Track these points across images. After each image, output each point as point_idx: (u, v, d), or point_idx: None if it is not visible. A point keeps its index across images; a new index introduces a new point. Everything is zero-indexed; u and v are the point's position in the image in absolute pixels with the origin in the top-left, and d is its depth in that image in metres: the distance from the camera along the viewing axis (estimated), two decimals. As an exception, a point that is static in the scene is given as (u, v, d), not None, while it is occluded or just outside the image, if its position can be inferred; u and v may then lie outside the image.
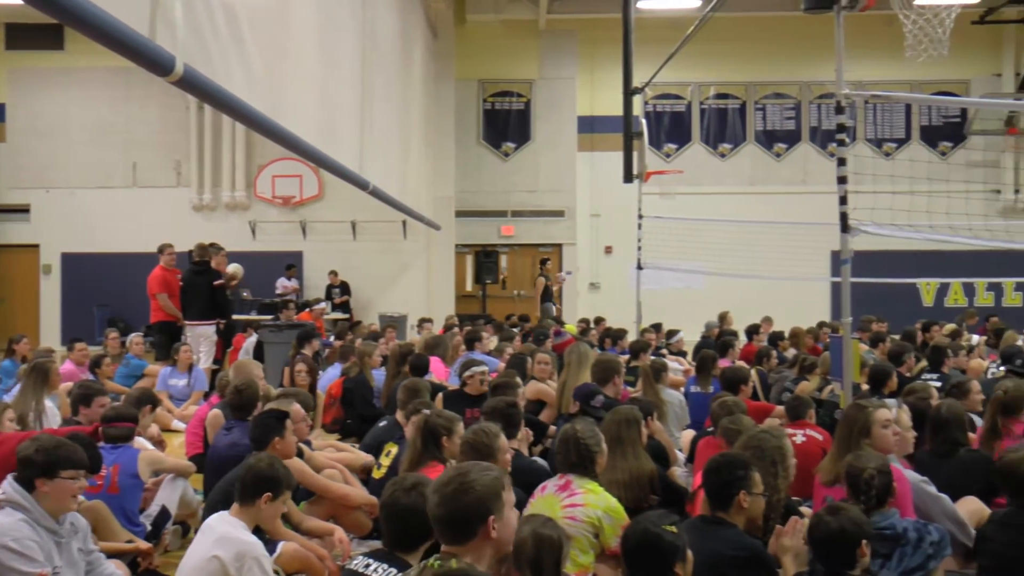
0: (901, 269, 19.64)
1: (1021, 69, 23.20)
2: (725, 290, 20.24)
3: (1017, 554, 4.91)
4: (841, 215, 7.53)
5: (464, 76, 23.10)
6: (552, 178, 23.56)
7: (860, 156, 20.10)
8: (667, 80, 21.41)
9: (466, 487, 3.64)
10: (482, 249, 23.33)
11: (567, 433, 5.62)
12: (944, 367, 10.35)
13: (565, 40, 23.55)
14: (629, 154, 16.74)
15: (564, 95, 23.56)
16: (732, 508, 4.82)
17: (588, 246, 23.84)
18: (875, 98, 8.64)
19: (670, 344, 14.78)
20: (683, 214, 19.79)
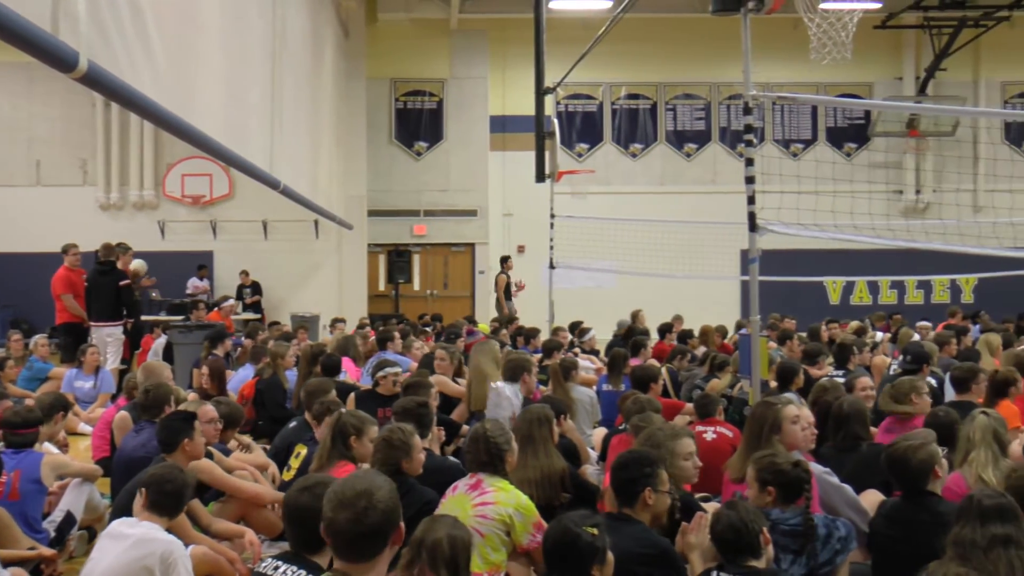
0: (808, 267, 19.99)
1: (921, 73, 23.73)
2: (637, 289, 20.40)
3: (905, 548, 5.00)
4: (749, 214, 7.65)
5: (375, 75, 22.99)
6: (464, 177, 23.56)
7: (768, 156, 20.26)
8: (579, 80, 21.53)
9: (375, 503, 3.44)
10: (394, 248, 23.25)
11: (477, 432, 5.63)
12: (850, 364, 10.56)
13: (476, 39, 23.56)
14: (541, 154, 16.81)
15: (476, 95, 23.57)
16: (638, 505, 4.87)
17: (500, 245, 23.85)
18: (782, 99, 8.80)
19: (582, 343, 14.86)
20: (595, 214, 19.94)
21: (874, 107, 24.27)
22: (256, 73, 10.94)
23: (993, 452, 5.87)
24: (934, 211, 22.73)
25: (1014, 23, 22.89)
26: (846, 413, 6.72)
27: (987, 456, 5.84)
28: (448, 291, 23.92)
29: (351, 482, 3.53)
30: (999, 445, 5.94)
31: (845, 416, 6.70)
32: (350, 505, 3.43)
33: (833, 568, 4.90)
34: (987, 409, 6.45)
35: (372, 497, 3.43)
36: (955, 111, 24.19)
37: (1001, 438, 5.98)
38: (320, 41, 16.79)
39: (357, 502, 3.43)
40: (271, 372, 10.98)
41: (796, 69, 18.00)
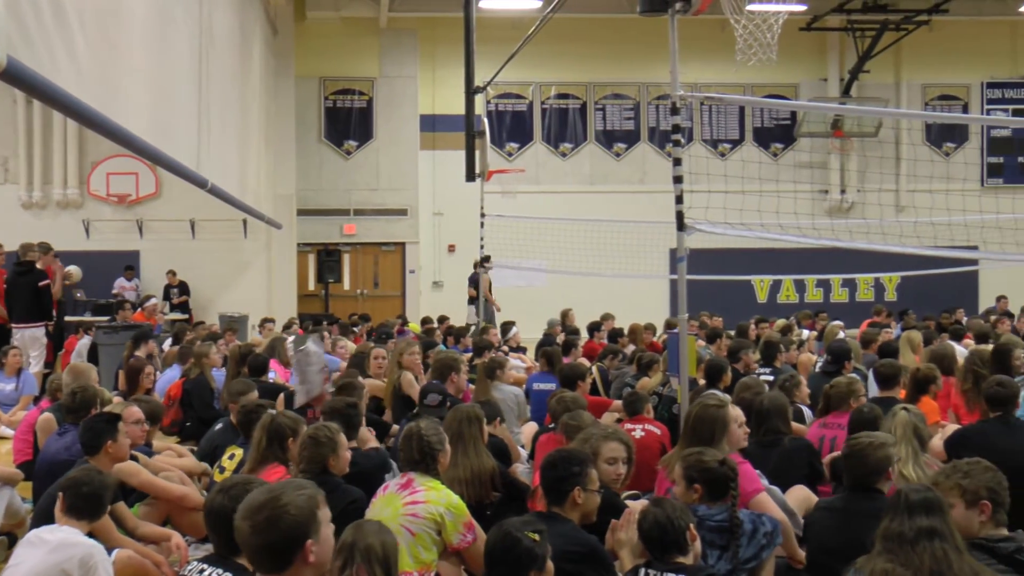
0: (736, 266, 20.21)
1: (845, 74, 24.11)
2: (567, 288, 20.50)
3: (840, 537, 5.10)
4: (677, 214, 7.71)
5: (304, 73, 22.83)
6: (394, 176, 23.47)
7: (696, 156, 20.62)
8: (509, 80, 21.55)
9: (281, 511, 3.36)
10: (324, 248, 23.11)
11: (411, 431, 5.63)
12: (776, 361, 10.70)
13: (406, 38, 23.49)
14: (471, 153, 16.82)
15: (406, 93, 23.50)
16: (567, 504, 4.89)
17: (431, 244, 23.83)
18: (709, 100, 8.89)
19: (508, 339, 14.89)
20: (525, 213, 19.94)
21: (799, 108, 24.59)
22: (183, 71, 10.81)
23: (913, 448, 6.02)
24: (858, 211, 23.10)
25: (933, 27, 23.34)
26: (767, 409, 6.85)
27: (908, 452, 5.98)
28: (379, 291, 23.83)
29: (260, 492, 3.48)
30: (919, 441, 6.09)
31: (766, 412, 6.83)
32: (251, 516, 3.38)
33: (759, 563, 4.98)
34: (908, 405, 6.59)
35: (276, 509, 3.36)
36: (878, 112, 24.64)
37: (921, 434, 6.12)
38: (248, 39, 16.63)
39: (258, 514, 3.37)
40: (198, 372, 10.87)
41: (724, 70, 18.16)
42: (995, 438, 7.08)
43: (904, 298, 22.82)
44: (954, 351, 10.27)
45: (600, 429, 6.01)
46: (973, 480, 4.53)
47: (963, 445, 7.13)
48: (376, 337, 14.26)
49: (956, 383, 9.09)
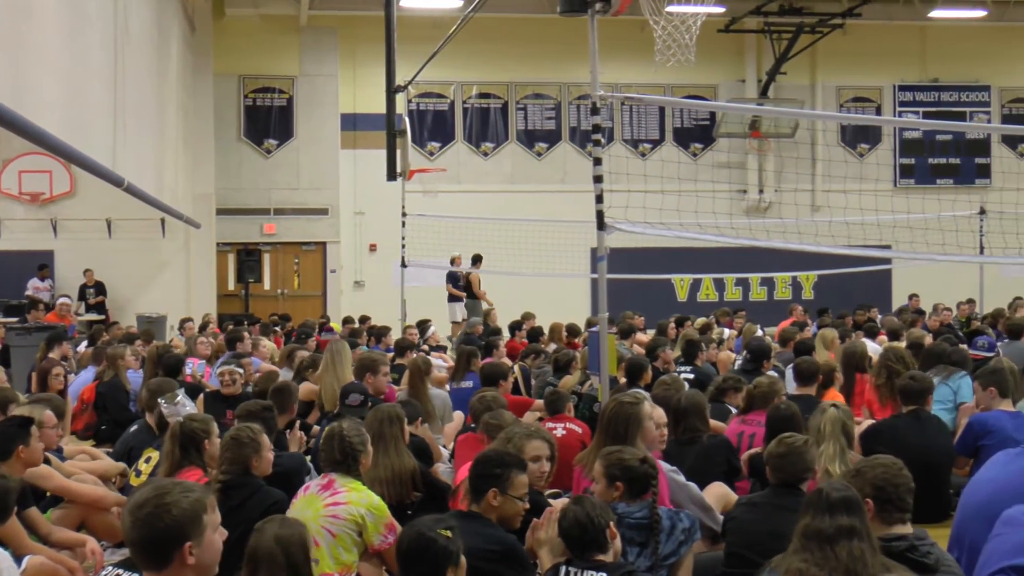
0: (656, 265, 20.35)
1: (763, 76, 24.42)
2: (488, 287, 20.52)
3: (759, 528, 5.18)
4: (597, 213, 7.77)
5: (223, 71, 22.56)
6: (315, 176, 23.31)
7: (617, 156, 20.75)
8: (430, 79, 21.51)
9: (162, 510, 3.32)
10: (244, 247, 22.87)
11: (333, 431, 5.59)
12: (697, 360, 10.82)
13: (326, 37, 23.32)
14: (392, 152, 16.79)
15: (326, 92, 23.34)
16: (484, 503, 4.90)
17: (352, 244, 23.70)
18: (629, 100, 8.97)
19: (427, 339, 14.87)
20: (446, 212, 19.96)
21: (718, 108, 24.88)
22: (97, 67, 10.64)
23: (841, 445, 6.13)
24: (775, 210, 23.41)
25: (847, 31, 23.75)
26: (684, 407, 6.93)
27: (835, 449, 6.09)
28: (299, 290, 23.65)
29: (149, 488, 3.45)
30: (847, 438, 6.19)
31: (684, 410, 6.90)
32: (135, 510, 3.36)
33: (678, 559, 5.03)
34: (836, 402, 6.71)
35: (159, 507, 3.33)
36: (794, 113, 24.98)
37: (849, 431, 6.24)
38: (166, 35, 16.42)
39: (141, 509, 3.35)
40: (112, 375, 10.68)
41: (644, 70, 18.29)
42: (906, 432, 7.25)
43: (821, 296, 23.18)
44: (866, 348, 10.48)
45: (522, 428, 6.02)
46: (858, 479, 4.54)
47: (876, 439, 7.28)
48: (297, 337, 14.14)
49: (870, 379, 9.28)
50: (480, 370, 9.67)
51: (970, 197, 19.78)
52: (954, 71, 25.52)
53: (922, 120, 25.60)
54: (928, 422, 7.41)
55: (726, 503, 6.14)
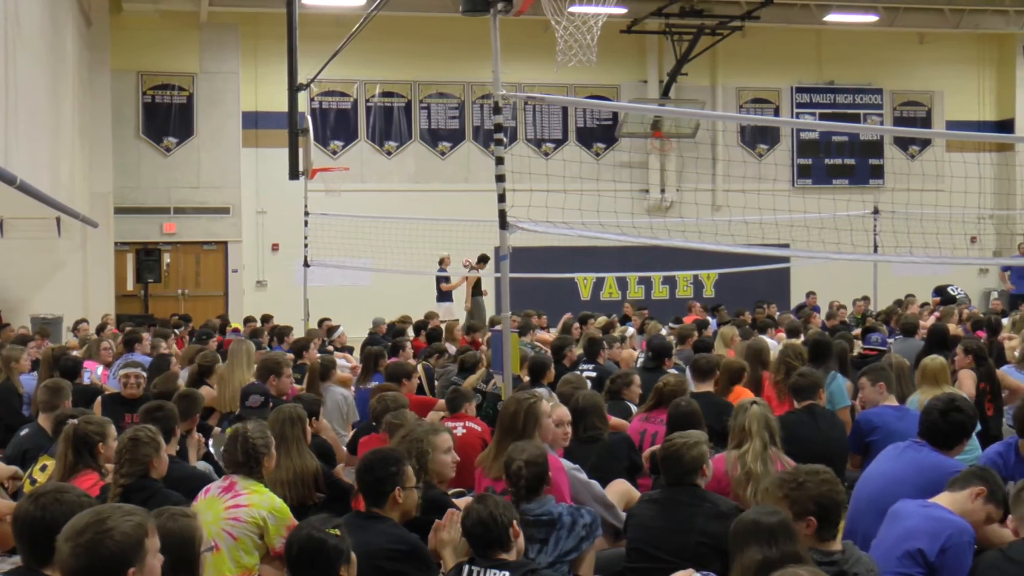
0: (559, 264, 20.49)
1: (664, 77, 24.71)
2: (392, 286, 20.47)
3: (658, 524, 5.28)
4: (500, 212, 7.80)
5: (121, 67, 22.11)
6: (216, 174, 22.98)
7: (520, 156, 20.83)
8: (333, 77, 21.36)
9: (103, 536, 3.23)
10: (143, 247, 22.47)
11: (237, 432, 5.55)
12: (600, 358, 10.92)
13: (227, 33, 23.00)
14: (295, 151, 16.61)
15: (227, 90, 23.01)
16: (387, 504, 4.90)
17: (254, 243, 23.42)
18: (532, 99, 9.00)
19: (333, 340, 14.79)
20: (350, 211, 19.84)
21: (620, 109, 25.12)
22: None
23: (764, 441, 6.20)
24: (677, 210, 23.72)
25: (746, 33, 24.15)
26: (583, 407, 6.99)
27: (759, 446, 6.16)
28: (200, 290, 23.31)
29: (86, 514, 3.35)
30: (770, 434, 6.28)
31: (583, 409, 6.97)
32: (73, 537, 3.25)
33: (579, 554, 5.09)
34: (758, 399, 6.81)
35: (99, 533, 3.24)
36: (695, 114, 25.31)
37: (772, 427, 6.31)
38: (60, 30, 16.06)
39: (80, 536, 3.25)
40: (4, 378, 10.41)
41: (547, 70, 18.38)
42: (801, 428, 7.41)
43: (721, 295, 23.53)
44: (767, 345, 10.68)
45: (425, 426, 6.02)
46: (803, 492, 4.47)
47: (774, 435, 7.44)
48: (198, 338, 13.95)
49: (769, 376, 9.47)
50: (385, 370, 9.64)
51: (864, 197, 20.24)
52: (849, 74, 26.12)
53: (818, 122, 26.13)
54: (822, 417, 7.59)
55: (628, 500, 6.22)
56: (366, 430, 7.77)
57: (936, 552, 4.54)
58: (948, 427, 5.66)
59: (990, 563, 4.44)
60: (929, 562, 4.56)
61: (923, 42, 26.13)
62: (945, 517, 4.67)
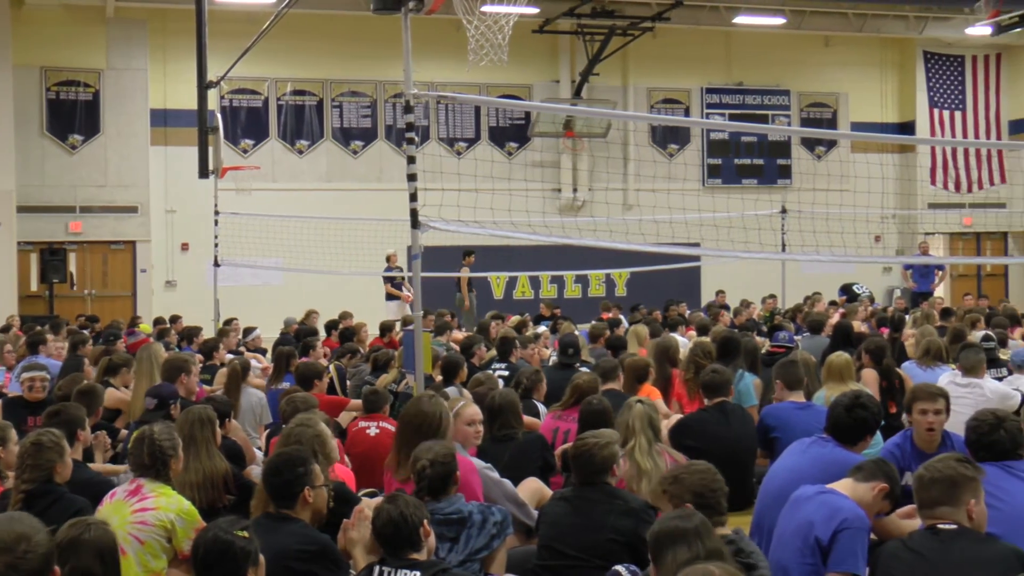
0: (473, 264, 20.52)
1: (576, 77, 24.84)
2: (304, 286, 20.32)
3: (569, 521, 5.33)
4: (411, 211, 7.80)
5: (24, 63, 21.59)
6: (123, 172, 22.56)
7: (432, 155, 20.84)
8: (243, 75, 21.15)
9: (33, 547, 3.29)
10: (48, 247, 21.99)
11: (143, 434, 5.48)
12: (512, 357, 10.95)
13: (135, 29, 22.60)
14: (204, 149, 16.38)
15: (135, 87, 22.61)
16: (297, 505, 4.88)
17: (163, 243, 23.06)
18: (443, 99, 8.99)
19: (247, 342, 14.65)
20: (261, 210, 19.68)
21: (532, 108, 25.20)
22: None
23: (648, 438, 6.34)
24: (589, 209, 23.87)
25: (657, 34, 24.37)
26: (499, 405, 7.04)
27: (645, 443, 6.29)
28: (108, 291, 22.89)
29: (9, 525, 3.36)
30: (653, 431, 6.42)
31: (499, 408, 7.01)
32: (9, 550, 3.27)
33: (490, 552, 5.11)
34: (643, 398, 6.91)
35: (31, 541, 3.29)
36: (606, 114, 25.46)
37: (655, 424, 6.47)
38: (-41, 24, 15.67)
39: (16, 546, 3.28)
40: None
41: (459, 69, 18.41)
42: (712, 425, 7.53)
43: (633, 293, 23.72)
44: (677, 343, 10.82)
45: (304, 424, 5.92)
46: (679, 485, 4.68)
47: (684, 433, 7.55)
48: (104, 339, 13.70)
49: (679, 373, 9.59)
50: (295, 370, 9.58)
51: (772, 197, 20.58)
52: (757, 75, 26.52)
53: (728, 122, 26.47)
54: (732, 414, 7.70)
55: (540, 498, 6.28)
56: (278, 431, 7.71)
57: (829, 535, 4.67)
58: (852, 423, 5.79)
59: (891, 553, 4.56)
60: (823, 547, 4.68)
61: (828, 45, 26.65)
62: (841, 504, 4.79)
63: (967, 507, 4.46)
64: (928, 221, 26.93)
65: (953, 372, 9.23)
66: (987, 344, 10.16)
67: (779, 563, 4.86)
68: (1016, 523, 4.85)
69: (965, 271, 27.72)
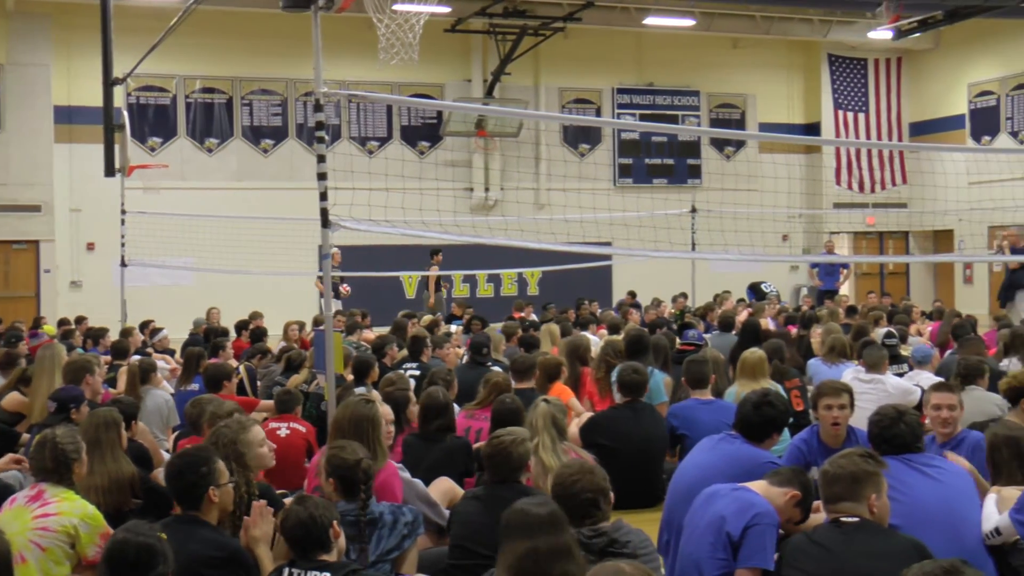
0: (385, 263, 20.43)
1: (488, 76, 24.87)
2: (215, 286, 20.06)
3: (480, 520, 5.33)
4: (322, 211, 7.76)
5: (-80, 58, 21.04)
6: (26, 171, 22.03)
7: (343, 154, 20.70)
8: (151, 72, 20.81)
9: None
10: (-54, 247, 21.46)
11: (45, 438, 5.38)
12: (423, 356, 10.95)
13: (37, 24, 22.10)
14: (110, 147, 16.08)
15: (38, 83, 22.11)
16: (204, 506, 4.82)
17: (68, 243, 22.60)
18: (354, 97, 8.96)
19: (154, 343, 14.44)
20: (170, 209, 19.40)
21: (444, 107, 25.16)
22: None
23: (552, 436, 6.40)
24: (500, 208, 23.94)
25: (568, 34, 24.52)
26: (444, 404, 7.09)
27: (548, 441, 6.36)
28: (10, 291, 22.37)
29: None
30: (557, 430, 6.47)
31: (438, 408, 7.04)
32: None
33: (401, 553, 5.11)
34: (548, 397, 6.97)
35: None
36: (518, 113, 25.54)
37: (559, 424, 6.53)
38: None
39: None
40: None
41: (371, 68, 18.32)
42: (623, 423, 7.62)
43: (545, 292, 23.83)
44: (589, 342, 10.90)
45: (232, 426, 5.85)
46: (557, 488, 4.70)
47: (595, 431, 7.62)
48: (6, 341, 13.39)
49: (590, 372, 9.67)
50: (204, 371, 9.47)
51: (682, 196, 20.85)
52: (667, 76, 26.81)
53: (638, 122, 26.70)
54: (643, 412, 7.80)
55: (452, 497, 6.29)
56: (187, 434, 7.61)
57: (740, 530, 4.75)
58: (759, 420, 5.89)
59: (796, 546, 4.65)
60: (734, 542, 4.76)
61: (737, 47, 27.02)
62: (753, 500, 4.88)
63: (869, 501, 4.58)
64: (833, 220, 27.48)
65: (857, 368, 9.46)
66: (889, 341, 10.41)
67: (691, 557, 4.92)
68: (917, 515, 4.99)
69: (869, 269, 28.35)
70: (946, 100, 27.39)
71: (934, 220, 24.76)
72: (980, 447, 5.96)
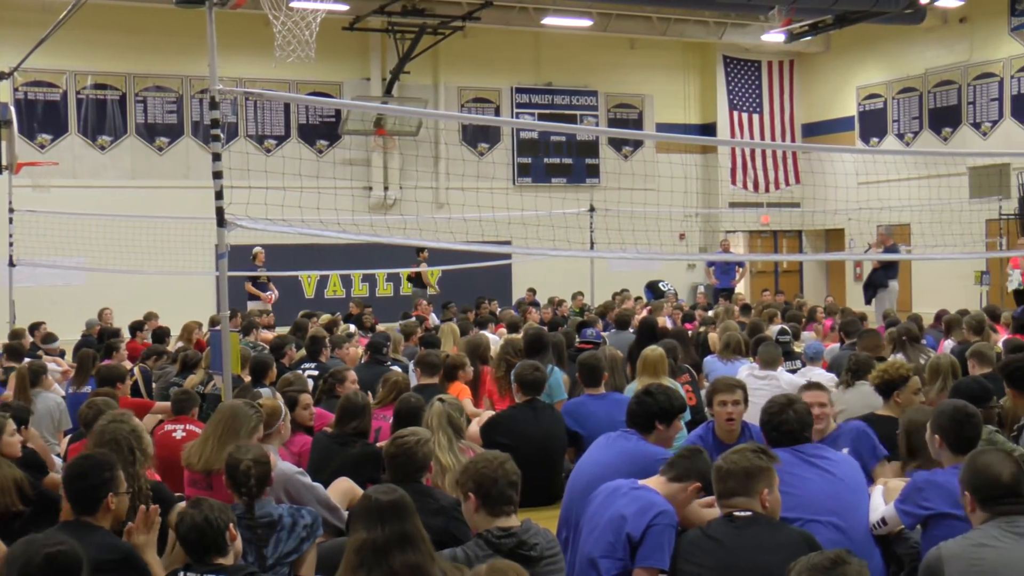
0: (283, 262, 20.25)
1: (387, 75, 24.77)
2: (108, 286, 19.64)
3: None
4: (217, 209, 7.67)
5: None
6: (-94, 167, 21.38)
7: (240, 152, 20.42)
8: (40, 67, 20.32)
9: None
10: None
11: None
12: (322, 356, 10.88)
13: (-81, 16, 21.45)
14: (-4, 144, 15.74)
15: (-81, 77, 21.45)
16: (100, 511, 4.73)
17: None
18: (251, 95, 8.89)
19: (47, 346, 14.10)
20: (60, 208, 18.96)
21: (342, 106, 24.98)
22: None
23: (448, 436, 6.40)
24: (400, 207, 23.87)
25: (468, 34, 24.57)
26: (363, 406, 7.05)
27: (444, 440, 6.36)
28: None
29: None
30: (454, 429, 6.48)
31: (359, 410, 7.00)
32: None
33: (300, 555, 5.07)
34: (444, 396, 6.97)
35: None
36: (417, 112, 25.52)
37: (455, 422, 6.53)
38: None
39: None
40: None
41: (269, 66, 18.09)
42: (522, 422, 7.65)
43: (445, 291, 23.83)
44: (488, 341, 10.94)
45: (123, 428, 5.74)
46: (464, 474, 4.77)
47: (495, 430, 7.65)
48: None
49: (491, 371, 9.70)
50: (97, 373, 9.28)
51: (580, 195, 21.03)
52: (566, 76, 27.00)
53: (537, 122, 26.84)
54: (542, 411, 7.84)
55: (351, 498, 6.24)
56: (79, 437, 7.46)
57: (640, 531, 4.81)
58: (640, 411, 5.99)
59: (691, 541, 4.73)
60: (634, 542, 4.81)
61: (634, 48, 27.33)
62: (654, 499, 4.93)
63: (761, 496, 4.67)
64: (728, 220, 27.97)
65: (752, 365, 9.64)
66: (783, 338, 10.63)
67: (589, 556, 4.95)
68: (809, 508, 5.12)
69: (763, 268, 28.91)
70: (836, 102, 28.07)
71: (825, 219, 25.36)
72: (864, 434, 6.17)
